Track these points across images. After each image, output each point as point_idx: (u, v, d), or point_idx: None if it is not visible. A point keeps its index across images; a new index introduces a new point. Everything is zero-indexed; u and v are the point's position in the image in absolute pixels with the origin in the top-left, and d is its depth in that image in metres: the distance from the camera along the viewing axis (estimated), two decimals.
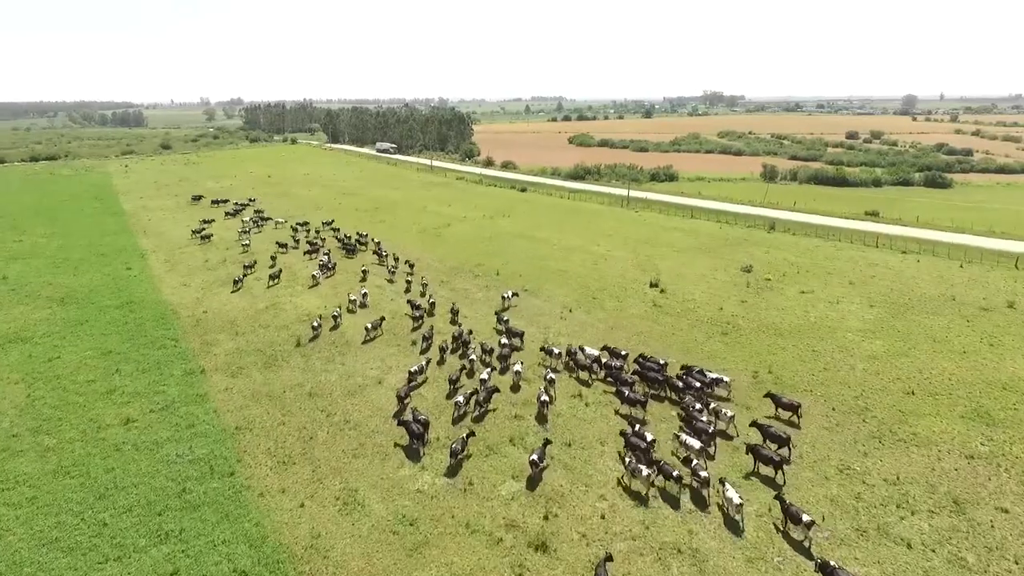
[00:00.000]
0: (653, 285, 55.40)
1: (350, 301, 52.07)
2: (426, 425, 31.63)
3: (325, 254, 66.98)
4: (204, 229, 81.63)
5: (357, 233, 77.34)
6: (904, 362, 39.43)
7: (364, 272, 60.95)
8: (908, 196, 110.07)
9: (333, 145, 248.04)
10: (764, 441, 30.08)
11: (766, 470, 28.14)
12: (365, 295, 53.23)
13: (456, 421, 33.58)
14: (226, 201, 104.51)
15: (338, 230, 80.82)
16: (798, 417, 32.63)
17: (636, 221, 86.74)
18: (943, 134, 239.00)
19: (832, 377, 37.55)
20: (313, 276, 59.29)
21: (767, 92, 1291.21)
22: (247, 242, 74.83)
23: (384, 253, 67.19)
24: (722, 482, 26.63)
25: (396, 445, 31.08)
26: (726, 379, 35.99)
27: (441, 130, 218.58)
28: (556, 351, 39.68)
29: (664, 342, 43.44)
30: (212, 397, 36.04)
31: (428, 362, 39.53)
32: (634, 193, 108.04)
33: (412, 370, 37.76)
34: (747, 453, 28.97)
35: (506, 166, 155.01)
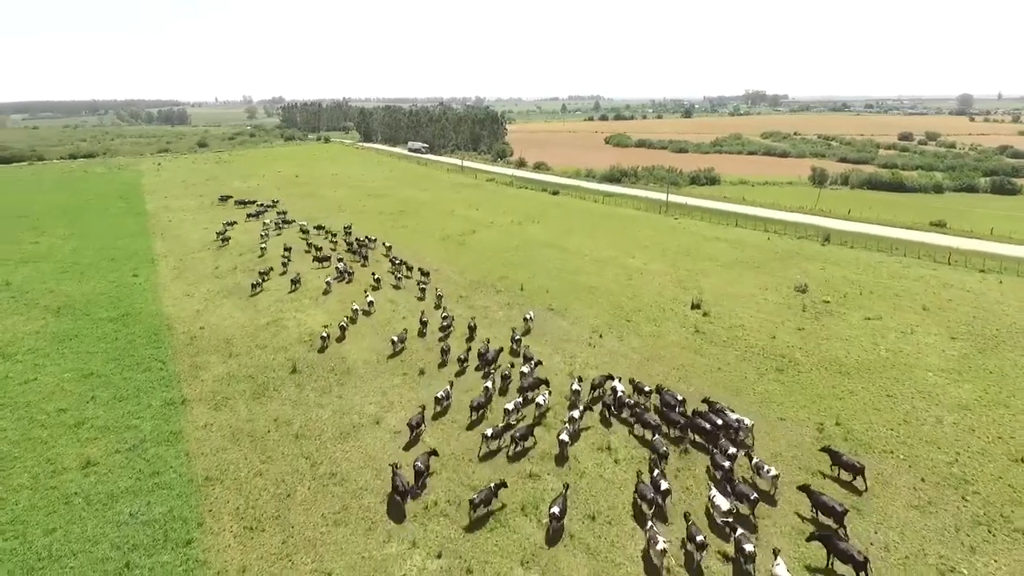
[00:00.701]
0: (695, 306, 49.21)
1: (352, 311, 47.95)
2: (420, 474, 26.86)
3: (340, 260, 63.07)
4: (226, 232, 78.62)
5: (365, 237, 73.02)
6: (1003, 415, 32.66)
7: (377, 280, 56.53)
8: (975, 204, 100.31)
9: (365, 144, 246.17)
10: (816, 512, 24.63)
11: (843, 568, 22.18)
12: (371, 303, 49.52)
13: (484, 459, 29.15)
14: (252, 202, 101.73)
15: (350, 233, 76.85)
16: (864, 480, 26.74)
17: (675, 229, 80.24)
18: (1006, 136, 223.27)
19: (915, 433, 31.09)
20: (327, 283, 55.66)
21: (812, 91, 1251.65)
22: (264, 245, 71.63)
23: (397, 260, 62.64)
24: (775, 554, 21.56)
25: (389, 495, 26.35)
26: (747, 422, 30.54)
27: (474, 129, 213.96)
28: (576, 388, 34.33)
29: (709, 379, 37.44)
30: (187, 436, 31.69)
31: (452, 384, 35.42)
32: (673, 197, 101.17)
33: (438, 396, 33.70)
34: (809, 540, 22.98)
35: (539, 167, 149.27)
